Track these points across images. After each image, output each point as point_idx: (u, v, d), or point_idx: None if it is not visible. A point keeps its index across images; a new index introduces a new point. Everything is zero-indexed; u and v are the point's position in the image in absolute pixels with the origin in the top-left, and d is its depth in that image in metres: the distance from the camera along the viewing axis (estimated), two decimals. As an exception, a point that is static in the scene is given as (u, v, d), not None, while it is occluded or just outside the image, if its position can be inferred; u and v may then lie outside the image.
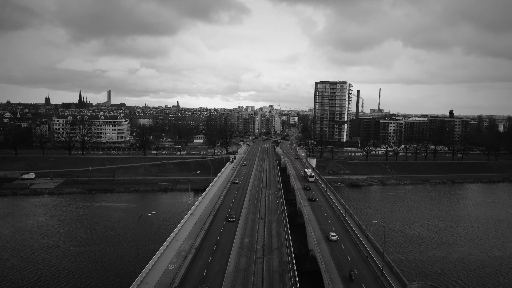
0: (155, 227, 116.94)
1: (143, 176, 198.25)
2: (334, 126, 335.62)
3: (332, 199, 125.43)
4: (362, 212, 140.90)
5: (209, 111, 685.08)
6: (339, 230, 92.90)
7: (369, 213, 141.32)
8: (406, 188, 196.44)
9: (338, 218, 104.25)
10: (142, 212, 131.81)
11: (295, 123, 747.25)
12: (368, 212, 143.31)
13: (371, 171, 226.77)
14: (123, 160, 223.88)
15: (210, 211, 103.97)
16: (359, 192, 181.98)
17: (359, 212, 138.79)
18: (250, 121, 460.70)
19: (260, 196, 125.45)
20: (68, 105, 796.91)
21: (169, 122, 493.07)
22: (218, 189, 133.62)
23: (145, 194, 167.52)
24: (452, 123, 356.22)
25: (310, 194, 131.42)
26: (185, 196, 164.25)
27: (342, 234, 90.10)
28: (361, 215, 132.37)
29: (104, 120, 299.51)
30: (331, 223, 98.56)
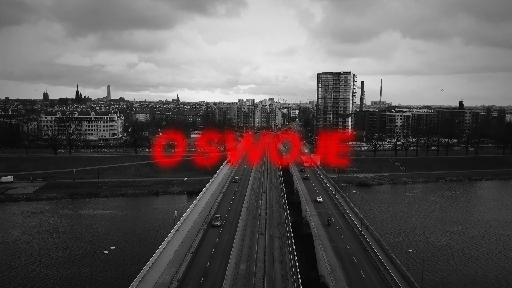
0: (135, 247, 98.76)
1: (133, 177, 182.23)
2: (338, 119, 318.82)
3: (341, 204, 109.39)
4: (376, 218, 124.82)
5: (209, 105, 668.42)
6: (356, 249, 76.75)
7: (383, 219, 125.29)
8: (419, 187, 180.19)
9: (352, 231, 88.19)
10: (131, 222, 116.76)
11: (296, 116, 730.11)
12: (383, 218, 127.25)
13: (380, 168, 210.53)
14: (113, 159, 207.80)
15: (201, 224, 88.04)
16: (369, 193, 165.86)
17: (372, 218, 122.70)
18: (250, 114, 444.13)
19: (260, 202, 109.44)
20: (65, 101, 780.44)
21: (166, 117, 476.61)
22: (213, 195, 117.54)
23: (134, 198, 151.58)
24: (462, 115, 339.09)
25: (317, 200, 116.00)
26: (178, 200, 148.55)
27: (359, 254, 74.02)
28: (376, 223, 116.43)
29: (95, 116, 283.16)
30: (344, 239, 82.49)
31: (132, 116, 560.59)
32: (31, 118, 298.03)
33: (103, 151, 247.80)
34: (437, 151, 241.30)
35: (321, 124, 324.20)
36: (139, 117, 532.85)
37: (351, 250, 75.91)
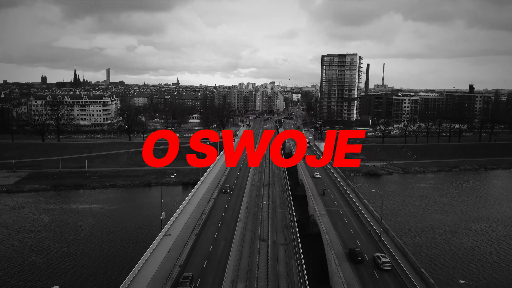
0: (115, 257, 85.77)
1: (125, 166, 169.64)
2: (343, 103, 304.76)
3: (353, 200, 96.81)
4: (389, 214, 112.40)
5: (208, 88, 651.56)
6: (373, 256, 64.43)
7: (397, 215, 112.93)
8: (433, 177, 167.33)
9: (368, 235, 75.69)
10: (118, 219, 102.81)
11: (298, 100, 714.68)
12: (396, 213, 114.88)
13: (389, 156, 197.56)
14: (104, 146, 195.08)
15: (193, 227, 75.61)
16: (379, 184, 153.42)
17: (386, 214, 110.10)
18: (251, 98, 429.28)
19: (262, 199, 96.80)
20: (63, 84, 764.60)
21: (164, 101, 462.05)
22: (209, 189, 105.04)
23: (125, 190, 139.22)
24: (473, 99, 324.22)
25: (324, 195, 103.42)
26: (172, 192, 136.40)
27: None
28: (390, 220, 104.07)
29: (88, 100, 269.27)
30: (361, 245, 70.03)
31: (129, 100, 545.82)
32: (22, 102, 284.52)
33: (96, 137, 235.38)
34: (449, 138, 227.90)
35: (325, 108, 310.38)
36: (137, 101, 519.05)
37: (368, 258, 63.56)
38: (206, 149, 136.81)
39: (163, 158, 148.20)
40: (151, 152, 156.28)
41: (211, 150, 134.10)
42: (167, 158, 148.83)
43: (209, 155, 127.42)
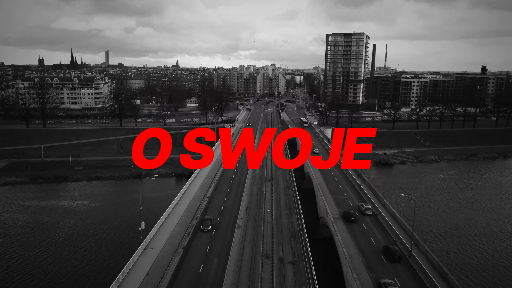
0: (90, 276, 73.57)
1: (115, 155, 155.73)
2: (348, 86, 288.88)
3: (370, 198, 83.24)
4: (406, 211, 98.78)
5: (208, 70, 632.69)
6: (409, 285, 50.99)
7: (418, 211, 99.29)
8: (450, 166, 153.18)
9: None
10: (101, 219, 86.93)
11: (300, 82, 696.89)
12: (417, 209, 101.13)
13: (400, 143, 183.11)
14: (93, 133, 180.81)
15: (180, 239, 62.16)
16: (391, 174, 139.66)
17: (402, 211, 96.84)
18: (251, 81, 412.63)
19: (264, 198, 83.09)
20: (59, 66, 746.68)
21: (162, 84, 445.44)
22: (203, 185, 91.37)
23: (112, 183, 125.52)
24: (485, 81, 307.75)
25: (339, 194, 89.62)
26: (164, 185, 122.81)
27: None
28: (408, 220, 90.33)
29: (78, 82, 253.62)
30: (386, 272, 56.44)
31: (126, 82, 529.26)
32: (9, 85, 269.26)
33: (87, 122, 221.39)
34: (463, 123, 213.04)
35: (329, 91, 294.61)
36: (134, 84, 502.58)
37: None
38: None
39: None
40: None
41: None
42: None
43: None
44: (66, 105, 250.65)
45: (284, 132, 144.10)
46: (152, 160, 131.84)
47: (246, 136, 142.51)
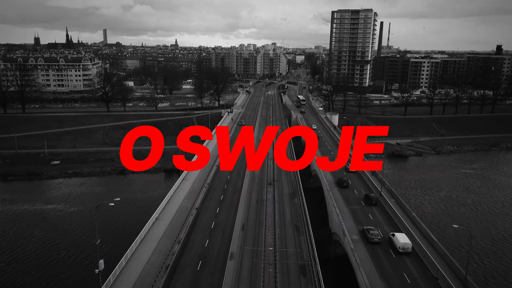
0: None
1: (99, 146, 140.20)
2: (354, 67, 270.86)
3: (393, 209, 68.08)
4: (439, 223, 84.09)
5: (207, 50, 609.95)
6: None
7: (442, 220, 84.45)
8: (472, 159, 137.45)
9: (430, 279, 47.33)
10: (76, 231, 72.27)
11: (301, 62, 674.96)
12: (440, 218, 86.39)
13: (414, 130, 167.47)
14: (77, 120, 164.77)
15: (154, 280, 47.12)
16: (408, 169, 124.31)
17: (430, 221, 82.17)
18: (251, 61, 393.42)
19: (265, 209, 67.91)
20: (54, 45, 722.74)
21: (158, 64, 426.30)
22: (191, 192, 76.04)
23: (92, 180, 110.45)
24: (500, 62, 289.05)
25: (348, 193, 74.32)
26: (151, 183, 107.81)
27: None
28: (434, 230, 75.75)
29: (65, 63, 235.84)
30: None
31: (122, 62, 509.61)
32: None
33: (74, 106, 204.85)
34: (480, 108, 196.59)
35: (334, 72, 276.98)
36: (129, 64, 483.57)
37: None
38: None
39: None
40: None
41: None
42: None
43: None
44: (52, 87, 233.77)
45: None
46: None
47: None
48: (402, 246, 54.34)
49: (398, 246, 54.66)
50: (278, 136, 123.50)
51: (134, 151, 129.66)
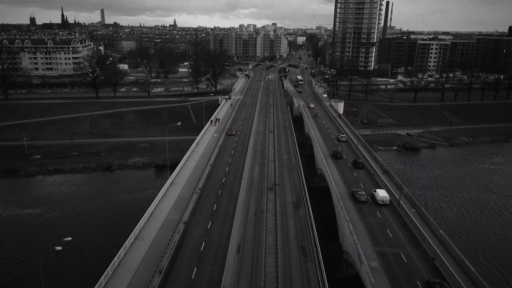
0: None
1: (85, 137, 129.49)
2: (359, 49, 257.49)
3: (417, 225, 58.05)
4: (469, 238, 74.23)
5: (206, 30, 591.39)
6: None
7: (481, 235, 74.54)
8: (491, 151, 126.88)
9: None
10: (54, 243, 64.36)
11: (302, 43, 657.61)
12: (463, 228, 76.47)
13: (425, 119, 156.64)
14: (63, 108, 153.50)
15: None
16: (422, 164, 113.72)
17: (457, 235, 72.36)
18: (251, 43, 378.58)
19: (264, 228, 57.70)
20: (50, 26, 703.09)
21: (155, 45, 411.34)
22: (180, 200, 65.72)
23: (75, 178, 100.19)
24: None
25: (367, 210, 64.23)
26: (139, 182, 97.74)
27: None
28: (463, 247, 65.97)
29: (53, 45, 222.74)
30: None
31: (117, 43, 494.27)
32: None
33: (63, 91, 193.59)
34: (495, 94, 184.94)
35: (337, 55, 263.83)
36: (125, 45, 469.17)
37: None
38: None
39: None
40: None
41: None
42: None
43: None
44: (40, 71, 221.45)
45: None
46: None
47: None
48: (381, 199, 64.86)
49: (378, 199, 65.16)
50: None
51: (123, 142, 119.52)
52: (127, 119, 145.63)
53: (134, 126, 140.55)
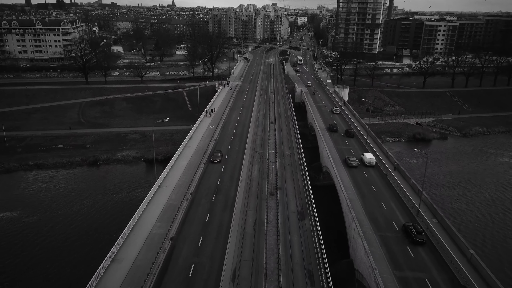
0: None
1: (72, 128, 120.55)
2: (364, 31, 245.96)
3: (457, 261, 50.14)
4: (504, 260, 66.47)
5: (204, 11, 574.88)
6: None
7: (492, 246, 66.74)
8: (508, 143, 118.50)
9: None
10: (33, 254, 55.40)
11: (304, 24, 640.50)
12: (487, 240, 68.65)
13: (435, 107, 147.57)
14: (50, 94, 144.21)
15: None
16: (435, 158, 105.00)
17: (489, 255, 64.62)
18: (250, 24, 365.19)
19: (264, 240, 49.71)
20: (45, 6, 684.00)
21: (151, 26, 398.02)
22: (167, 208, 57.46)
23: (58, 174, 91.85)
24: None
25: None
26: (128, 178, 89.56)
27: None
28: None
29: (42, 27, 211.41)
30: None
31: (113, 24, 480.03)
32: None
33: (53, 75, 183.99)
34: (508, 79, 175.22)
35: (341, 37, 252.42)
36: (121, 26, 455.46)
37: None
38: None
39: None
40: None
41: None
42: None
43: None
44: (29, 54, 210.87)
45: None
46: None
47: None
48: (368, 161, 73.23)
49: (365, 161, 73.27)
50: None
51: (112, 133, 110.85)
52: (118, 107, 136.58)
53: (125, 115, 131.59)
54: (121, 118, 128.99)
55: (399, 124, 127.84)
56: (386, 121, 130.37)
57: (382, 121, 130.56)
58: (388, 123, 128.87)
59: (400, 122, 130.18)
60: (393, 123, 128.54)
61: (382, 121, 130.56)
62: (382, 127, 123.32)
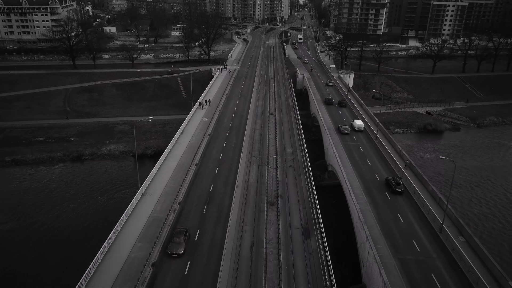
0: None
1: (57, 117, 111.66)
2: (368, 11, 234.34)
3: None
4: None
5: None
6: None
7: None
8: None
9: None
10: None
11: (304, 3, 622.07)
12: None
13: (445, 94, 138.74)
14: (34, 79, 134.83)
15: None
16: (447, 153, 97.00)
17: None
18: (250, 3, 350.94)
19: (263, 268, 41.99)
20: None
21: (147, 5, 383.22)
22: (150, 225, 49.60)
23: (38, 171, 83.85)
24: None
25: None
26: (119, 177, 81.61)
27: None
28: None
29: (29, 6, 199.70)
30: None
31: (108, 3, 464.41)
32: None
33: (39, 58, 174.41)
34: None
35: (344, 17, 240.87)
36: (116, 5, 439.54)
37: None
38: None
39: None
40: None
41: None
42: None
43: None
44: (16, 35, 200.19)
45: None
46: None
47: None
48: (357, 126, 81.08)
49: (354, 126, 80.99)
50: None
51: (100, 124, 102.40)
52: (107, 94, 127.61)
53: (114, 103, 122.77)
54: (110, 106, 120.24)
55: (408, 114, 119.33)
56: (394, 110, 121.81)
57: (390, 110, 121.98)
58: (397, 112, 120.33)
59: (409, 111, 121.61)
60: (402, 112, 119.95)
61: (390, 110, 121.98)
62: (390, 116, 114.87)
